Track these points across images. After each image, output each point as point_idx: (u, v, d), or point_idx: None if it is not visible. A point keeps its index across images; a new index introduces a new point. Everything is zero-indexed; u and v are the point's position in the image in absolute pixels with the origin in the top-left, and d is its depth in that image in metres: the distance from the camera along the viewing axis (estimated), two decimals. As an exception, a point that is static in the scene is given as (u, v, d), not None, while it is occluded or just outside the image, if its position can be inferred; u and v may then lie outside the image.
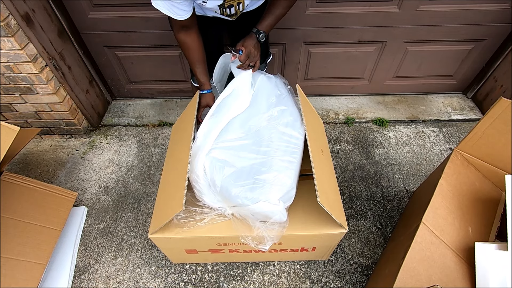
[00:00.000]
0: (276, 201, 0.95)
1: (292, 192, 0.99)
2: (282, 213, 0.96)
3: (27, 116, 1.76)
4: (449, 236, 0.96)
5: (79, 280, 1.29)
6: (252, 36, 1.12)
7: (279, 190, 0.96)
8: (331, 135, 1.86)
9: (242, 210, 0.99)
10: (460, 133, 1.85)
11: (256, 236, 0.99)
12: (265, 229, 0.98)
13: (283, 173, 0.99)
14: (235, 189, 0.96)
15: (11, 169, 1.72)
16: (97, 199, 1.57)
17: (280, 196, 0.96)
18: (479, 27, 1.68)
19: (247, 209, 0.96)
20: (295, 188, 1.00)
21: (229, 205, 1.02)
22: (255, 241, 0.99)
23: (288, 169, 1.00)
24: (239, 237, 1.01)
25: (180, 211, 1.04)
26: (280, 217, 0.97)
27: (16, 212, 1.18)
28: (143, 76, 1.94)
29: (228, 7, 1.09)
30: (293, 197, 1.00)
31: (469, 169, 1.14)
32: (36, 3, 1.43)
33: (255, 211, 0.96)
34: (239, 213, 1.02)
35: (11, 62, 1.43)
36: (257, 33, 1.11)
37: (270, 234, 0.98)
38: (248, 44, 1.10)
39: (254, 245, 0.99)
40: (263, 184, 0.97)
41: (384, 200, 1.53)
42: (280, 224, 1.00)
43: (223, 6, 1.07)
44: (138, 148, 1.81)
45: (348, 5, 1.58)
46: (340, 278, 1.27)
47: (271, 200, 0.94)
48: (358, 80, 2.01)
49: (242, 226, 1.02)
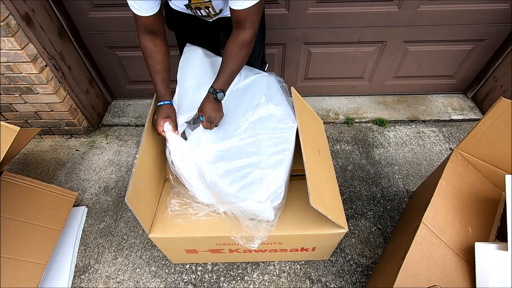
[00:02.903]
0: (263, 200, 0.95)
1: (280, 191, 0.99)
2: (269, 212, 0.96)
3: (27, 116, 1.76)
4: (449, 236, 0.96)
5: (79, 280, 1.29)
6: (209, 97, 1.04)
7: (267, 189, 0.96)
8: (331, 135, 1.86)
9: (232, 207, 1.00)
10: (460, 133, 1.85)
11: (246, 234, 1.00)
12: (254, 228, 0.99)
13: (271, 172, 1.00)
14: (224, 188, 0.97)
15: (11, 169, 1.72)
16: (97, 199, 1.57)
17: (267, 195, 0.96)
18: (479, 27, 1.68)
19: (237, 206, 0.97)
20: (284, 186, 1.00)
21: (220, 202, 1.03)
22: (244, 239, 1.00)
23: (277, 168, 1.01)
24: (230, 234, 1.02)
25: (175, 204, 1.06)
26: (268, 216, 0.97)
27: (16, 212, 1.18)
28: (143, 76, 1.94)
29: (196, 9, 1.06)
30: (281, 195, 1.00)
31: (469, 169, 1.14)
32: (36, 3, 1.43)
33: (244, 209, 0.97)
34: (230, 211, 1.03)
35: (11, 62, 1.43)
36: (213, 92, 1.03)
37: (259, 233, 0.99)
38: (206, 109, 1.03)
39: (243, 243, 1.00)
40: (251, 182, 0.98)
41: (384, 200, 1.53)
42: (268, 223, 1.01)
43: (189, 6, 1.05)
44: (138, 148, 1.81)
45: (348, 5, 1.58)
46: (340, 278, 1.27)
47: (258, 199, 0.95)
48: (358, 80, 2.01)
49: (233, 225, 1.03)
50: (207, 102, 1.04)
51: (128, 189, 0.90)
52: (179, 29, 1.28)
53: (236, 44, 1.00)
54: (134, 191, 0.92)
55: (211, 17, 1.13)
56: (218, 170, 1.00)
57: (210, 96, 1.04)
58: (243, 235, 1.00)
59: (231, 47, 1.01)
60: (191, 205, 1.08)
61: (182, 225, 1.05)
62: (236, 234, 1.01)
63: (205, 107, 1.04)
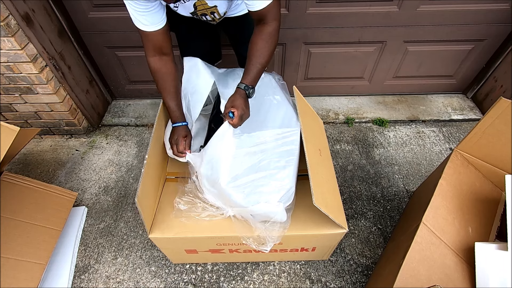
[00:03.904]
0: (276, 202, 0.95)
1: (291, 192, 0.99)
2: (282, 213, 0.96)
3: (27, 116, 1.76)
4: (449, 236, 0.96)
5: (79, 280, 1.29)
6: (241, 93, 0.97)
7: (279, 191, 0.96)
8: (331, 135, 1.86)
9: (243, 211, 0.99)
10: (460, 133, 1.85)
11: (257, 237, 0.99)
12: (266, 230, 0.99)
13: (281, 173, 0.99)
14: (235, 192, 0.96)
15: (11, 169, 1.72)
16: (97, 199, 1.57)
17: (279, 197, 0.96)
18: (479, 27, 1.68)
19: (248, 210, 0.96)
20: (294, 187, 1.01)
21: (230, 206, 1.02)
22: (256, 242, 1.00)
23: (286, 169, 1.01)
24: (240, 238, 1.01)
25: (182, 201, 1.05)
26: (281, 217, 0.97)
27: (16, 212, 1.18)
28: (143, 76, 1.94)
29: (202, 15, 1.06)
30: (292, 196, 1.00)
31: (469, 169, 1.14)
32: (36, 3, 1.43)
33: (255, 213, 0.97)
34: (240, 214, 1.02)
35: (11, 62, 1.43)
36: (246, 89, 0.97)
37: (271, 235, 0.99)
38: (240, 105, 0.95)
39: (255, 246, 0.99)
40: (262, 185, 0.97)
41: (384, 200, 1.53)
42: (281, 225, 1.00)
43: (195, 13, 1.05)
44: (138, 148, 1.81)
45: (348, 5, 1.58)
46: (340, 278, 1.27)
47: (270, 201, 0.95)
48: (358, 80, 2.01)
49: (243, 227, 1.02)
50: (240, 98, 0.96)
51: (137, 190, 0.89)
52: (180, 28, 1.28)
53: (261, 37, 0.97)
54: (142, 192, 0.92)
55: (216, 21, 1.13)
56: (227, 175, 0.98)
57: (242, 93, 0.97)
58: (254, 237, 0.99)
59: (257, 41, 0.98)
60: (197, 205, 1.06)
61: (182, 225, 1.05)
62: (248, 238, 0.99)
63: (239, 103, 0.95)
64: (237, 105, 0.95)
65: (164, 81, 1.07)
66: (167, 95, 1.09)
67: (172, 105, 1.09)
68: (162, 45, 1.02)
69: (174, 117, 1.10)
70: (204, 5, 1.01)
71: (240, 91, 0.98)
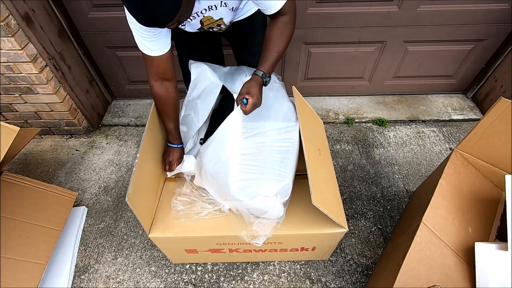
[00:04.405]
0: (273, 196, 0.96)
1: (288, 187, 1.00)
2: (279, 208, 0.97)
3: (27, 116, 1.76)
4: (449, 236, 0.96)
5: (79, 280, 1.29)
6: (258, 81, 0.95)
7: (276, 185, 0.98)
8: (331, 135, 1.86)
9: (239, 205, 1.00)
10: (460, 133, 1.85)
11: (251, 231, 1.01)
12: (259, 224, 1.00)
13: (279, 168, 1.00)
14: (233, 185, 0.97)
15: (11, 169, 1.72)
16: (97, 199, 1.57)
17: (277, 191, 0.97)
18: (479, 27, 1.68)
19: (244, 204, 0.98)
20: (291, 183, 1.01)
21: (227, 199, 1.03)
22: (249, 236, 1.01)
23: (284, 164, 1.01)
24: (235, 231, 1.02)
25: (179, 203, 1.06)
26: (278, 212, 0.98)
27: (16, 212, 1.18)
28: (143, 76, 1.94)
29: (209, 29, 1.06)
30: (289, 192, 1.01)
31: (469, 169, 1.14)
32: (36, 3, 1.43)
33: (251, 206, 0.98)
34: (236, 208, 1.03)
35: (11, 62, 1.43)
36: (263, 76, 0.95)
37: (264, 229, 1.00)
38: (255, 93, 0.92)
39: (248, 240, 1.00)
40: (259, 179, 0.98)
41: (384, 200, 1.53)
42: (273, 220, 1.01)
43: (202, 29, 1.05)
44: (138, 148, 1.81)
45: (348, 5, 1.58)
46: (340, 278, 1.27)
47: (267, 194, 0.96)
48: (358, 80, 2.01)
49: (239, 222, 1.03)
50: (256, 85, 0.94)
51: (128, 188, 0.90)
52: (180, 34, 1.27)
53: (277, 26, 0.95)
54: (134, 191, 0.92)
55: (222, 30, 1.13)
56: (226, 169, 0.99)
57: (259, 80, 0.95)
58: (248, 232, 1.01)
59: (272, 30, 0.96)
60: (195, 204, 1.08)
61: (182, 225, 1.05)
62: (242, 231, 1.01)
63: (254, 90, 0.93)
64: (252, 93, 0.92)
65: (166, 106, 1.11)
66: (167, 118, 1.14)
67: (171, 127, 1.15)
68: (165, 71, 1.03)
69: (171, 138, 1.17)
70: (210, 19, 1.00)
71: (257, 78, 0.95)
